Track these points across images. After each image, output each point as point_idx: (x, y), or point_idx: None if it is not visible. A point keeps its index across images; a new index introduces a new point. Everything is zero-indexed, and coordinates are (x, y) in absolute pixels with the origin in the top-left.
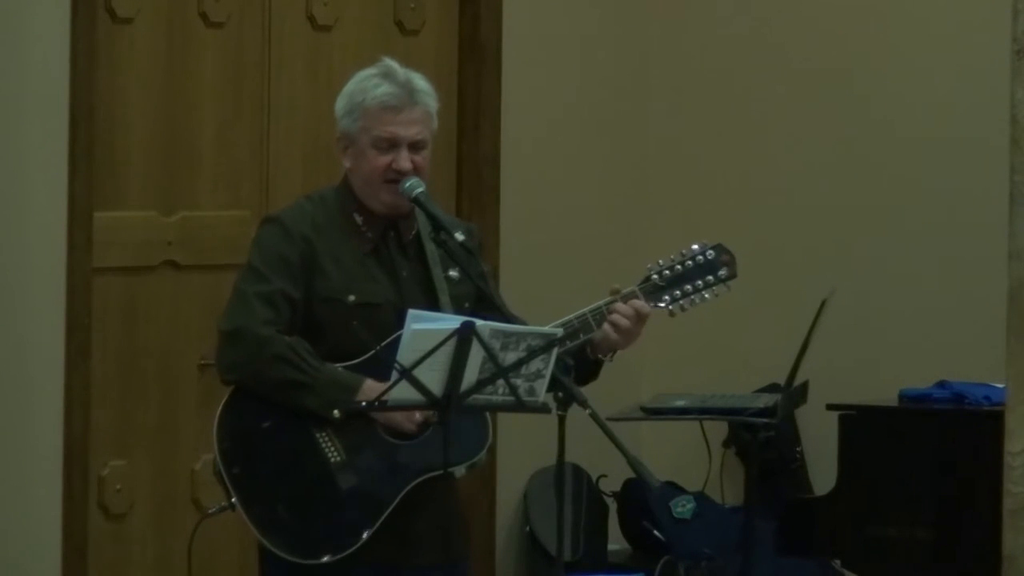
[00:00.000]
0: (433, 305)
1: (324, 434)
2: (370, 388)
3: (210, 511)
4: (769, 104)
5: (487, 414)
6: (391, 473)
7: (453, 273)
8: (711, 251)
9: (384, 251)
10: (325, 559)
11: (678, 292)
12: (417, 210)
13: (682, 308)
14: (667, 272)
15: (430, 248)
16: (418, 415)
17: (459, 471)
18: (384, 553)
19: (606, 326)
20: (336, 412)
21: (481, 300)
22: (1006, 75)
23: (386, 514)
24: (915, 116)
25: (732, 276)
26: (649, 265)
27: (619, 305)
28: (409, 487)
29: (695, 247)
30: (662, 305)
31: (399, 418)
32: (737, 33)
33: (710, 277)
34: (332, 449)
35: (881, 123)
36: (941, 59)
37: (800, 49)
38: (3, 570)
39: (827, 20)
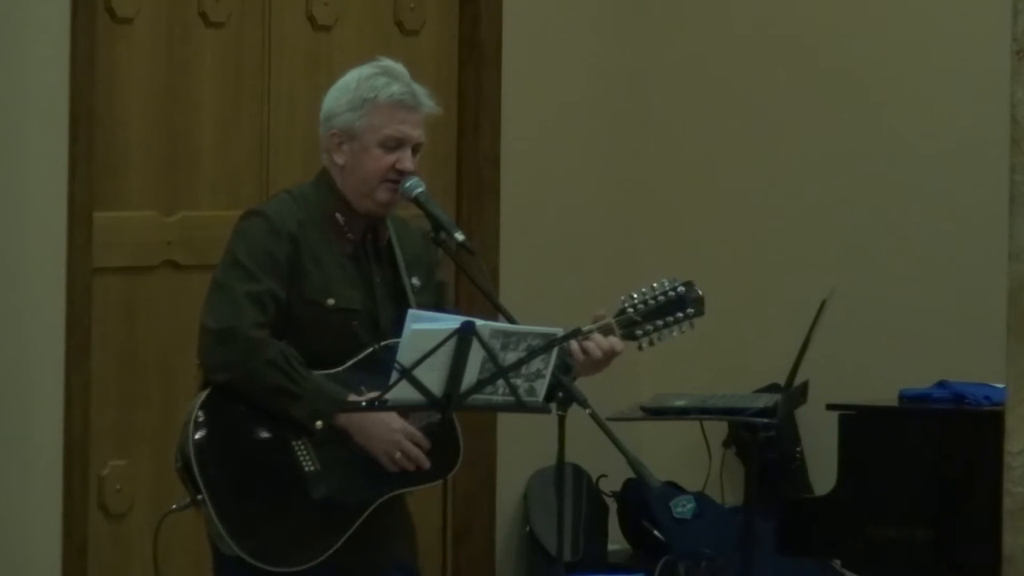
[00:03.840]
0: (402, 313)
1: (300, 443)
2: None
3: (174, 507)
4: (769, 104)
5: (459, 434)
6: (362, 487)
7: (415, 281)
8: (682, 287)
9: (362, 255)
10: (288, 568)
11: (650, 327)
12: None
13: (651, 343)
14: (641, 306)
15: (399, 254)
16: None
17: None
18: (344, 557)
19: (575, 349)
20: (319, 423)
21: (439, 309)
22: (1006, 75)
23: (354, 527)
24: (915, 116)
25: (699, 314)
26: (622, 297)
27: (597, 337)
28: (379, 501)
29: (665, 282)
30: (635, 339)
31: (382, 455)
32: (737, 33)
33: (679, 314)
34: (307, 458)
35: (881, 123)
36: (941, 59)
37: (799, 50)
38: (3, 570)
39: (827, 20)
